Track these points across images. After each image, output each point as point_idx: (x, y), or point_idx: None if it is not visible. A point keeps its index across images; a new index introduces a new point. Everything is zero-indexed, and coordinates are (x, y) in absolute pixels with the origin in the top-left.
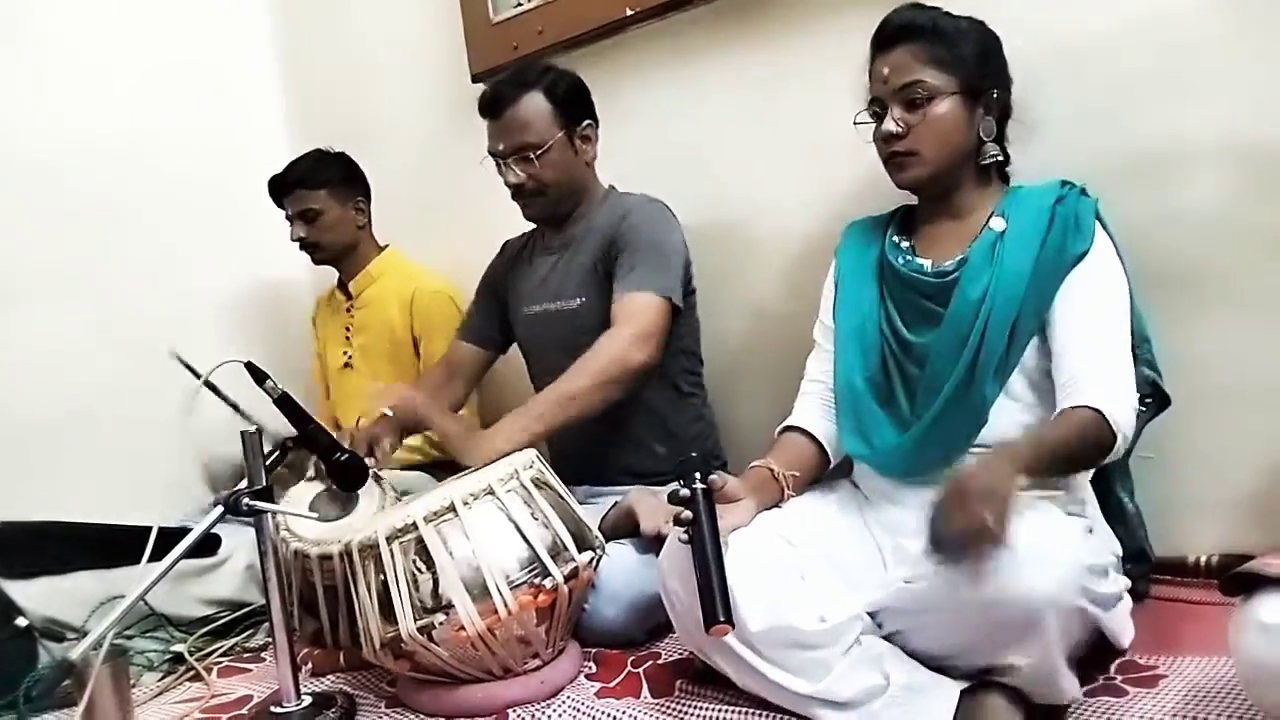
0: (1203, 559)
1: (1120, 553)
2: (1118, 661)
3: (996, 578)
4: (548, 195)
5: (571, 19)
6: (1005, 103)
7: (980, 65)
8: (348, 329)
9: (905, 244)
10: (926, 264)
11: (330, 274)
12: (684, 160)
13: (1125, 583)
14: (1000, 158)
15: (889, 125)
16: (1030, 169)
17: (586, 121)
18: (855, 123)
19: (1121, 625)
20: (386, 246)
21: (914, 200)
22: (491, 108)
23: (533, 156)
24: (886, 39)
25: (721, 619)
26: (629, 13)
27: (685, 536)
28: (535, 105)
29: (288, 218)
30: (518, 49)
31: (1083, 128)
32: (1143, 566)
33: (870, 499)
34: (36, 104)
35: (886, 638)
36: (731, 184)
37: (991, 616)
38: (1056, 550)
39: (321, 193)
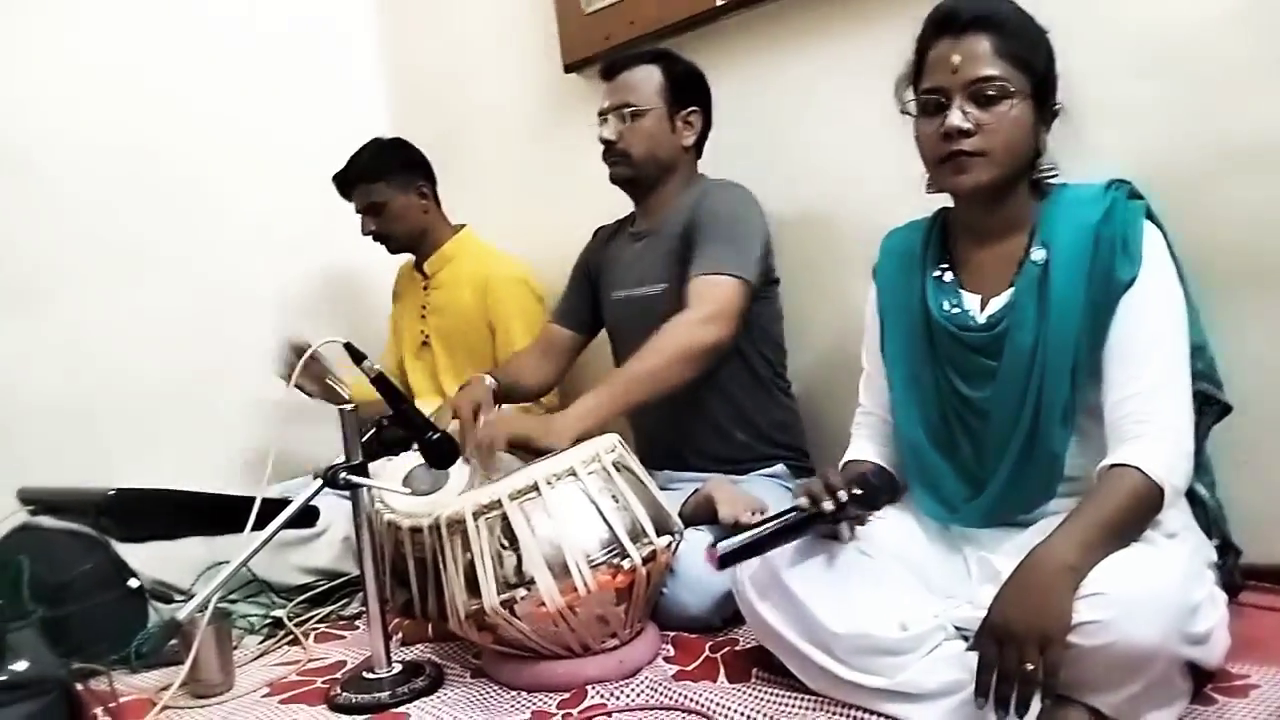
0: None
1: (1215, 559)
2: None
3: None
4: (632, 159)
5: (662, 9)
6: (1054, 117)
7: (1047, 73)
8: (424, 307)
9: (948, 276)
10: (973, 310)
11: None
12: (771, 151)
13: (1224, 610)
14: (1058, 173)
15: (956, 119)
16: (1108, 165)
17: (694, 108)
18: (903, 111)
19: (1217, 653)
20: (462, 226)
21: (950, 202)
22: (609, 70)
23: (627, 114)
24: (961, 25)
25: (719, 556)
26: (719, 2)
27: (805, 504)
28: (646, 73)
29: (357, 212)
30: (609, 39)
31: (1169, 120)
32: (1229, 559)
33: None
34: (147, 88)
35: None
36: (819, 175)
37: (1086, 661)
38: (1159, 597)
39: (381, 184)
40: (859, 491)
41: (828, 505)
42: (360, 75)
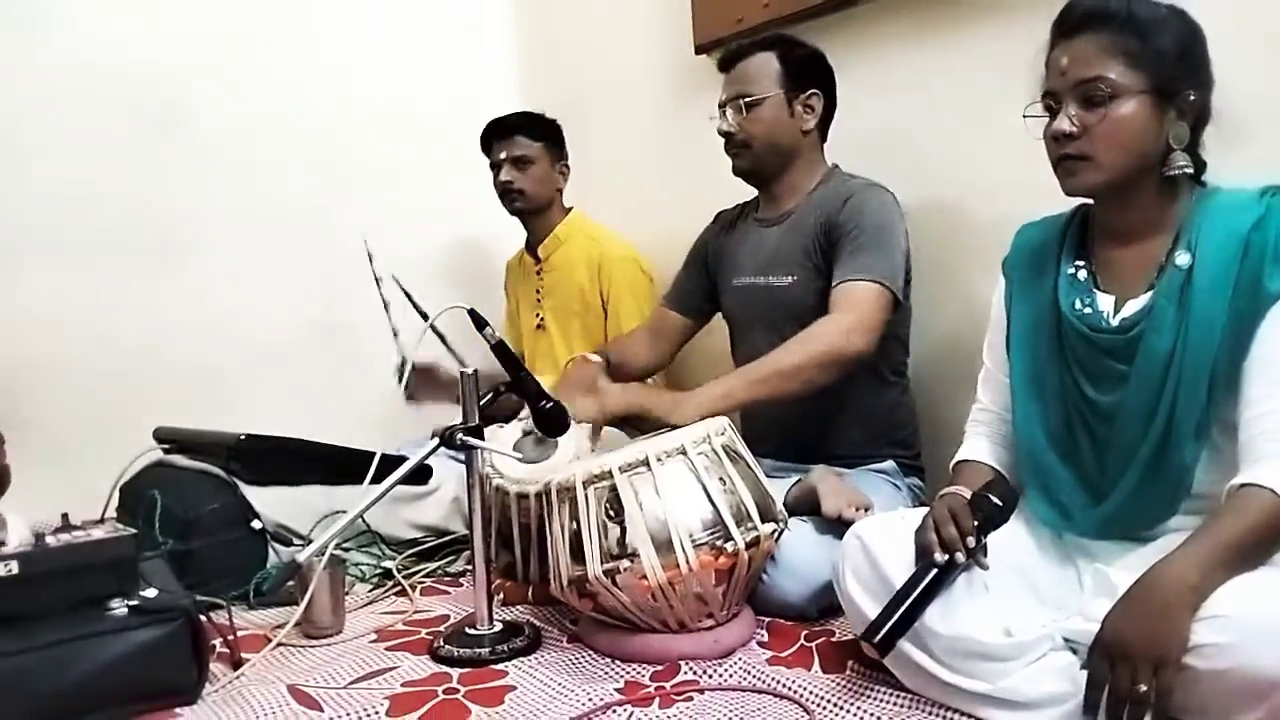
0: None
1: None
2: None
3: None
4: (753, 149)
5: None
6: (1203, 106)
7: (1177, 62)
8: (538, 291)
9: (1082, 274)
10: (1106, 311)
11: (519, 238)
12: (905, 140)
13: None
14: (1189, 169)
15: (1061, 123)
16: (1266, 170)
17: (813, 91)
18: (1025, 116)
19: None
20: (571, 209)
21: (1091, 201)
22: (726, 62)
23: (743, 104)
24: (1071, 25)
25: (876, 642)
26: None
27: (941, 559)
28: (762, 61)
29: (494, 164)
30: (742, 21)
31: None
32: None
33: None
34: (289, 54)
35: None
36: (954, 168)
37: (1203, 685)
38: None
39: (539, 145)
40: (984, 535)
41: (960, 558)
42: (491, 46)
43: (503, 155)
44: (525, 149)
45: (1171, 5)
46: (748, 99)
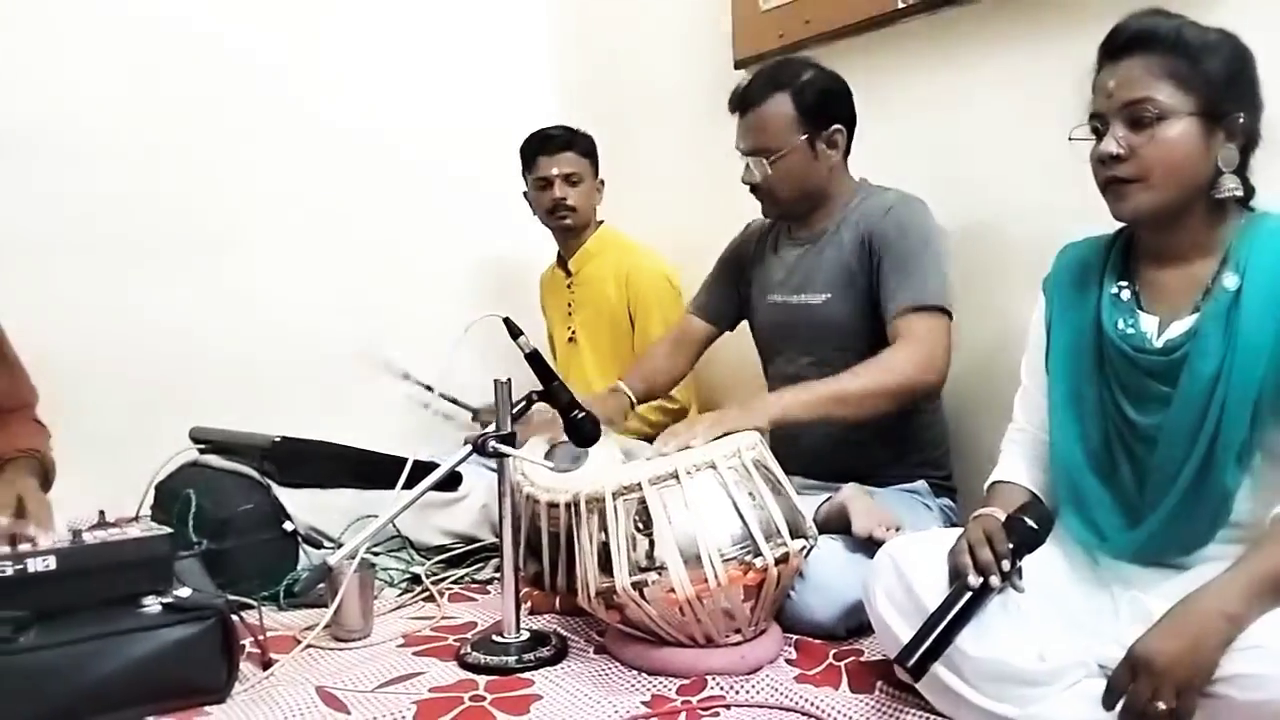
0: None
1: None
2: None
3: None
4: (780, 199)
5: (839, 10)
6: (1252, 129)
7: (1227, 85)
8: (569, 305)
9: (1126, 294)
10: (1150, 332)
11: (550, 251)
12: (943, 158)
13: None
14: (1239, 192)
15: (1108, 145)
16: None
17: (835, 126)
18: (1070, 138)
19: None
20: (601, 222)
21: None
22: (739, 104)
23: (767, 161)
24: (1118, 47)
25: (911, 665)
26: (900, 5)
27: (976, 583)
28: (779, 109)
29: (542, 179)
30: (783, 37)
31: None
32: None
33: None
34: (333, 60)
35: None
36: (990, 186)
37: (1237, 715)
38: None
39: (586, 161)
40: (1019, 559)
41: (995, 581)
42: (531, 58)
43: (554, 171)
44: (575, 165)
45: (1221, 29)
46: (771, 155)
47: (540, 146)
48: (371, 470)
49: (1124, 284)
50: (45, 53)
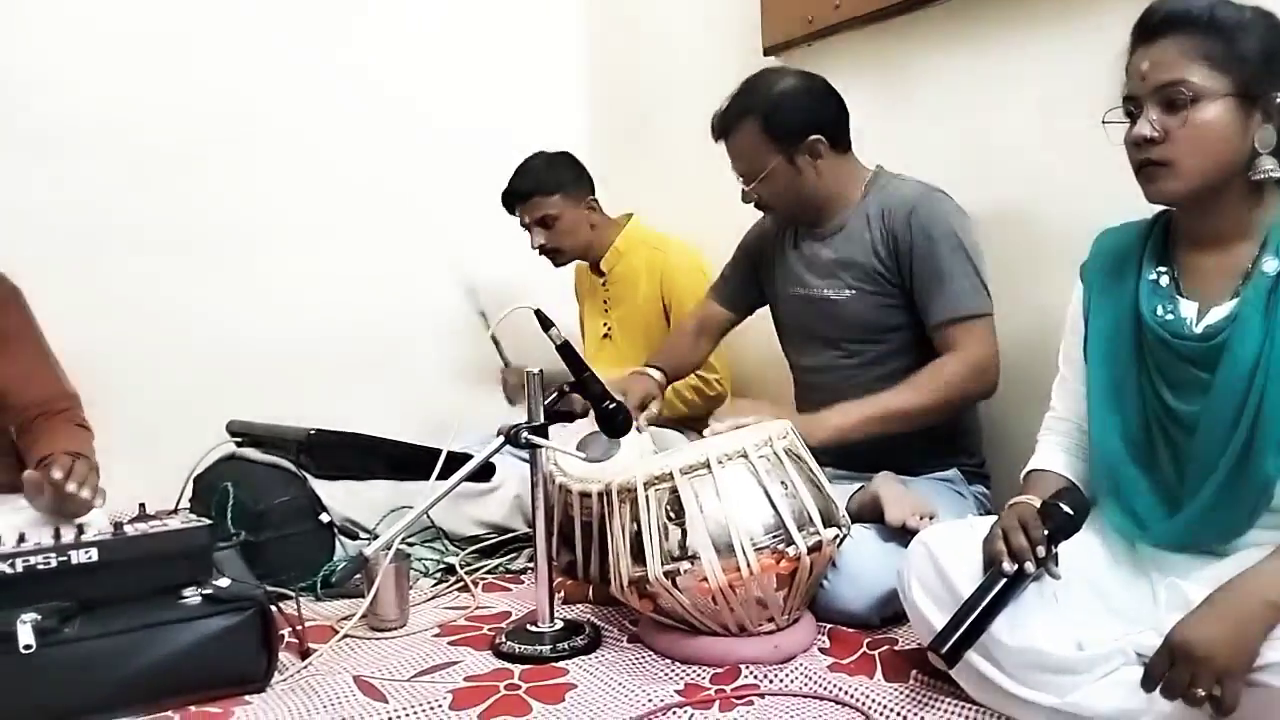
0: None
1: None
2: None
3: None
4: (779, 211)
5: None
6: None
7: (1263, 65)
8: (605, 302)
9: (1165, 280)
10: (1189, 318)
11: None
12: (975, 142)
13: None
14: (1277, 174)
15: (1141, 128)
16: None
17: (813, 137)
18: (1104, 121)
19: None
20: (630, 216)
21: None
22: (716, 134)
23: (754, 182)
24: (1151, 28)
25: (944, 652)
26: None
27: (1010, 569)
28: (749, 136)
29: (524, 225)
30: (813, 22)
31: None
32: None
33: None
34: (361, 60)
35: None
36: (1022, 172)
37: None
38: None
39: (556, 197)
40: (1055, 545)
41: (1030, 567)
42: (560, 45)
43: (526, 219)
44: (545, 208)
45: (1257, 7)
46: (751, 179)
47: (508, 200)
48: (406, 462)
49: (1162, 269)
50: (83, 53)
